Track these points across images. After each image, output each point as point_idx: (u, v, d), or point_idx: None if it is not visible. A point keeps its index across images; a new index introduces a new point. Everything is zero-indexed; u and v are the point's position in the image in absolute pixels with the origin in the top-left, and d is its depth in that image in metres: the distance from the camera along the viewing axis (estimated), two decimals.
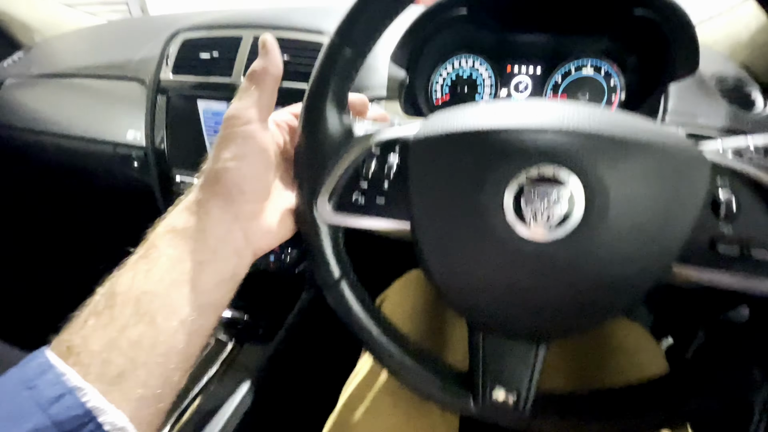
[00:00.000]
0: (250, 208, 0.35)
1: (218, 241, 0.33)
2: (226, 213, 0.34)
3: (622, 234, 0.29)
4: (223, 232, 0.34)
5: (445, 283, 0.36)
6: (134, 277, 0.31)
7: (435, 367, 0.39)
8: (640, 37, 0.59)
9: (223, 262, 0.34)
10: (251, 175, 0.35)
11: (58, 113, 0.92)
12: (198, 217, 0.33)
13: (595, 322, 0.33)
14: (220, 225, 0.34)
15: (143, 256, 0.32)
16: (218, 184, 0.34)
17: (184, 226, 0.33)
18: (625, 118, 0.31)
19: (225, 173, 0.33)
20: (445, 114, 0.35)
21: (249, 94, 0.34)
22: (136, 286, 0.30)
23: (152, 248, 0.32)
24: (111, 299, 0.30)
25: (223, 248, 0.34)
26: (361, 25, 0.32)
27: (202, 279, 0.32)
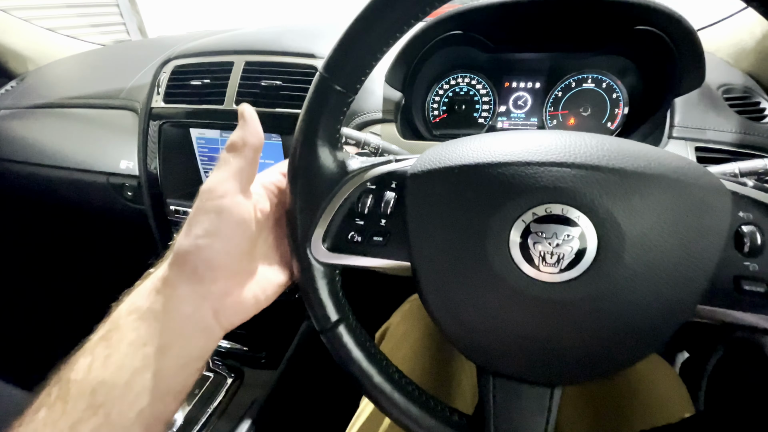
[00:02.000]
0: (221, 285, 0.33)
1: (184, 322, 0.31)
2: (194, 292, 0.31)
3: (639, 275, 0.27)
4: (190, 312, 0.31)
5: (450, 326, 0.33)
6: (92, 363, 0.28)
7: (442, 415, 0.36)
8: (642, 50, 0.57)
9: (188, 343, 0.32)
10: (224, 253, 0.32)
11: (51, 144, 0.91)
12: (164, 296, 0.31)
13: (613, 368, 0.31)
14: (186, 305, 0.31)
15: (104, 339, 0.29)
16: (186, 263, 0.31)
17: (148, 307, 0.30)
18: (636, 147, 0.29)
19: (195, 251, 0.31)
20: (443, 146, 0.33)
21: (227, 165, 0.32)
22: (93, 375, 0.28)
23: (114, 330, 0.30)
24: (65, 388, 0.27)
25: (190, 329, 0.32)
26: (350, 61, 0.31)
27: (165, 364, 0.30)
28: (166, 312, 0.31)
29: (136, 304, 0.31)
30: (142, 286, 0.32)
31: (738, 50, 0.64)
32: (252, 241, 0.34)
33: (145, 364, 0.29)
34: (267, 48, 0.71)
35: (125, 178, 0.83)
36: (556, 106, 0.65)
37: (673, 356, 0.89)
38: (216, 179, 0.32)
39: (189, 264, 0.31)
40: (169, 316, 0.31)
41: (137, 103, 0.83)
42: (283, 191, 0.38)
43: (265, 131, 0.72)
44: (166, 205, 0.80)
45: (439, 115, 0.70)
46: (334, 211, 0.35)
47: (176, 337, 0.31)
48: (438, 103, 0.70)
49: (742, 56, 0.64)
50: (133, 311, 0.30)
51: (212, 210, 0.31)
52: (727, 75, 0.59)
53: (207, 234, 0.31)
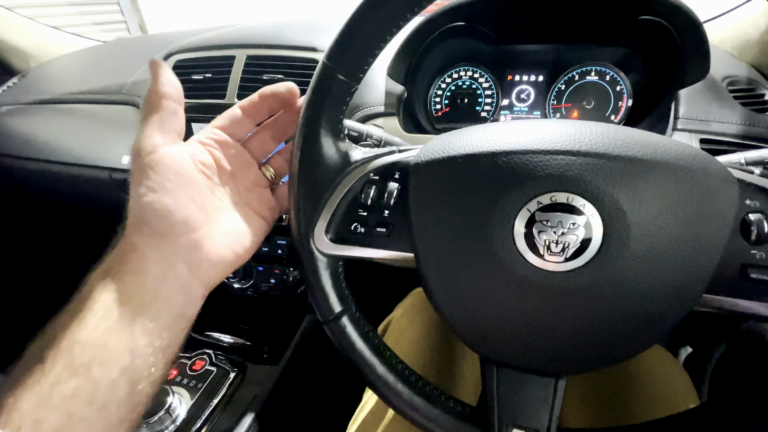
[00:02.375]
0: (186, 240, 0.32)
1: (157, 281, 0.31)
2: (161, 250, 0.31)
3: (645, 263, 0.27)
4: (162, 272, 0.31)
5: (454, 317, 0.33)
6: (65, 326, 0.28)
7: (446, 406, 0.36)
8: (646, 41, 0.57)
9: (167, 303, 0.32)
10: (176, 206, 0.32)
11: (53, 140, 0.91)
12: (132, 258, 0.31)
13: (619, 357, 0.31)
14: (157, 263, 0.31)
15: (77, 304, 0.30)
16: (143, 223, 0.31)
17: (118, 269, 0.30)
18: (641, 134, 0.29)
19: (146, 209, 0.31)
20: (447, 136, 0.33)
21: (149, 121, 0.32)
22: (69, 336, 0.28)
23: (86, 295, 0.30)
24: (42, 352, 0.28)
25: (165, 287, 0.31)
26: (353, 49, 0.30)
27: (145, 324, 0.30)
28: (136, 272, 0.30)
29: (105, 268, 0.31)
30: (108, 257, 0.32)
31: (742, 42, 0.64)
32: (202, 192, 0.34)
33: (122, 324, 0.29)
34: (268, 42, 0.71)
35: (128, 173, 0.82)
36: (559, 100, 0.65)
37: (677, 351, 0.89)
38: (141, 136, 0.32)
39: (146, 224, 0.31)
40: (140, 276, 0.30)
41: (139, 99, 0.83)
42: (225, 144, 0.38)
43: None
44: None
45: (441, 109, 0.70)
46: (337, 202, 0.35)
47: (151, 295, 0.31)
48: (440, 96, 0.69)
49: (746, 48, 0.63)
50: (102, 275, 0.30)
51: (146, 166, 0.31)
52: (732, 67, 0.59)
53: (150, 190, 0.31)
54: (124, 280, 0.30)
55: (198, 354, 0.73)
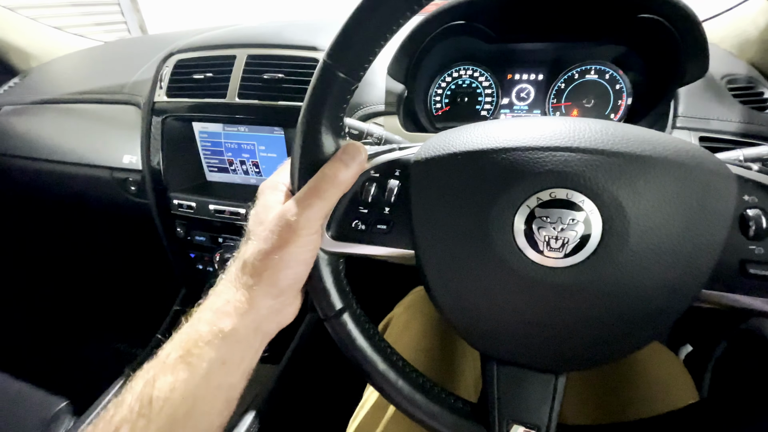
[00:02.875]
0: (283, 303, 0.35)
1: (263, 339, 0.34)
2: (272, 309, 0.33)
3: (644, 259, 0.27)
4: (272, 330, 0.34)
5: (454, 314, 0.34)
6: (174, 384, 0.30)
7: (447, 402, 0.36)
8: (645, 40, 0.57)
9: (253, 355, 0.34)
10: (301, 278, 0.34)
11: (54, 140, 0.92)
12: (248, 318, 0.32)
13: (619, 353, 0.31)
14: (268, 323, 0.34)
15: (184, 359, 0.30)
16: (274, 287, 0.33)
17: (233, 328, 0.31)
18: (640, 131, 0.29)
19: (284, 277, 0.33)
20: (447, 133, 0.33)
21: (326, 201, 0.33)
22: (176, 394, 0.29)
23: (194, 351, 0.31)
24: (148, 407, 0.29)
25: (253, 340, 0.33)
26: (354, 47, 0.30)
27: (238, 379, 0.33)
28: (253, 331, 0.32)
29: (218, 325, 0.31)
30: (220, 301, 0.33)
31: (742, 41, 0.64)
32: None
33: (222, 382, 0.31)
34: (269, 41, 0.71)
35: (129, 172, 0.83)
36: (559, 98, 0.65)
37: (678, 349, 0.89)
38: (312, 216, 0.32)
39: (276, 288, 0.33)
40: (253, 337, 0.33)
41: (140, 98, 0.83)
42: None
43: (267, 124, 0.73)
44: (170, 200, 0.80)
45: (441, 108, 0.70)
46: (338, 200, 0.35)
47: (253, 354, 0.33)
48: (440, 95, 0.70)
49: (745, 47, 0.63)
50: (214, 332, 0.31)
51: (304, 244, 0.32)
52: (731, 65, 0.59)
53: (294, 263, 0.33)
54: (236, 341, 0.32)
55: None
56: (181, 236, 0.84)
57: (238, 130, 0.76)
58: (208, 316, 0.32)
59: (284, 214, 0.32)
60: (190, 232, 0.83)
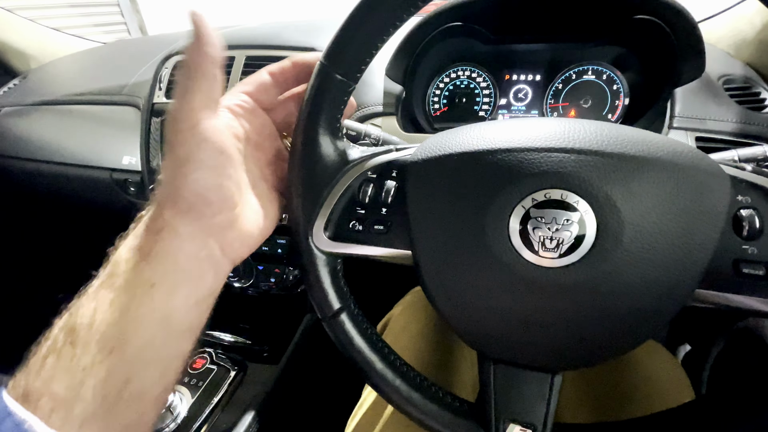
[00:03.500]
0: (221, 219, 0.31)
1: (191, 262, 0.30)
2: (196, 230, 0.30)
3: (639, 259, 0.27)
4: (196, 251, 0.30)
5: (451, 313, 0.34)
6: (96, 308, 0.27)
7: (444, 401, 0.37)
8: (642, 41, 0.57)
9: (198, 283, 0.31)
10: (215, 184, 0.30)
11: (54, 141, 0.92)
12: (165, 238, 0.29)
13: (614, 352, 0.31)
14: (190, 244, 0.30)
15: (106, 283, 0.28)
16: (180, 200, 0.29)
17: (150, 249, 0.29)
18: (634, 132, 0.29)
19: (185, 186, 0.29)
20: (443, 135, 0.34)
21: (192, 88, 0.29)
22: (100, 317, 0.27)
23: (115, 275, 0.28)
24: (72, 334, 0.27)
25: (198, 268, 0.31)
26: (351, 49, 0.31)
27: (175, 304, 0.29)
28: (170, 253, 0.29)
29: (135, 246, 0.29)
30: (137, 230, 0.30)
31: (738, 41, 0.64)
32: (236, 169, 0.33)
33: (153, 306, 0.28)
34: (267, 42, 0.71)
35: (128, 173, 0.83)
36: (556, 99, 0.65)
37: (676, 349, 0.89)
38: (182, 105, 0.29)
39: (183, 201, 0.29)
40: (175, 257, 0.29)
41: (139, 99, 0.83)
42: (253, 112, 0.36)
43: None
44: None
45: (439, 109, 0.70)
46: (335, 200, 0.35)
47: (184, 277, 0.30)
48: (438, 96, 0.70)
49: (742, 47, 0.63)
50: (134, 254, 0.29)
51: (191, 141, 0.29)
52: (728, 66, 0.59)
53: (193, 167, 0.29)
54: (157, 261, 0.29)
55: (199, 353, 0.74)
56: None
57: None
58: (130, 241, 0.30)
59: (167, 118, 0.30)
60: None
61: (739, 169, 0.29)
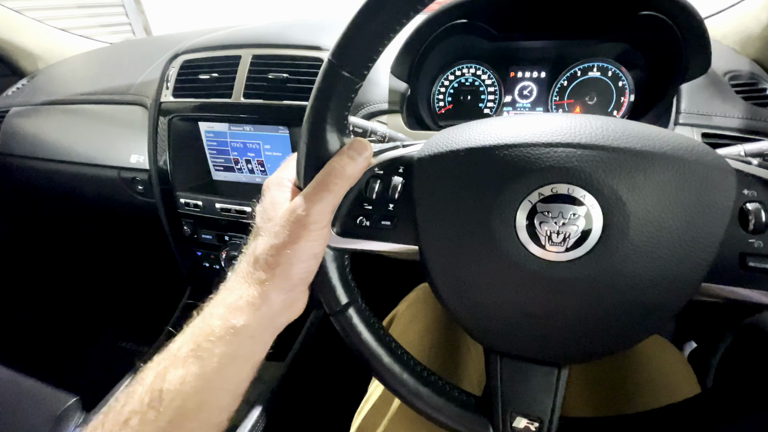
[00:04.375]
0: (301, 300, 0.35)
1: (274, 334, 0.34)
2: (284, 303, 0.34)
3: (645, 252, 0.28)
4: (283, 323, 0.34)
5: (458, 308, 0.34)
6: (185, 377, 0.30)
7: (451, 395, 0.37)
8: (647, 37, 0.57)
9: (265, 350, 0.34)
10: (312, 271, 0.35)
11: (62, 140, 0.93)
12: (262, 312, 0.32)
13: (620, 345, 0.31)
14: (280, 316, 0.34)
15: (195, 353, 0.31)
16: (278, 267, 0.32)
17: (245, 323, 0.31)
18: (640, 127, 0.29)
19: (291, 267, 0.33)
20: (450, 131, 0.34)
21: (333, 194, 0.33)
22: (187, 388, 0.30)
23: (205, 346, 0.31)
24: (157, 399, 0.29)
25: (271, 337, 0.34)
26: (358, 46, 0.31)
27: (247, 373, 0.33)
28: (264, 328, 0.33)
29: (230, 320, 0.32)
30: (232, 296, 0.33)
31: (744, 37, 0.64)
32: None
33: (232, 376, 0.32)
34: (273, 41, 0.72)
35: (136, 172, 0.84)
36: (561, 96, 0.65)
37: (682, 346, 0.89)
38: (322, 209, 0.33)
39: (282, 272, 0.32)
40: (264, 332, 0.33)
41: (146, 99, 0.84)
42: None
43: (272, 123, 0.73)
44: (176, 198, 0.81)
45: (444, 106, 0.70)
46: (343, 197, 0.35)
47: (263, 348, 0.34)
48: (443, 93, 0.70)
49: (748, 43, 0.63)
50: (228, 328, 0.31)
51: (313, 239, 0.33)
52: (734, 62, 0.59)
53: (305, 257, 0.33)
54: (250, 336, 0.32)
55: None
56: (187, 234, 0.85)
57: (244, 130, 0.76)
58: (220, 311, 0.32)
59: (294, 210, 0.32)
60: (196, 231, 0.84)
61: (745, 163, 0.29)
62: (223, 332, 0.31)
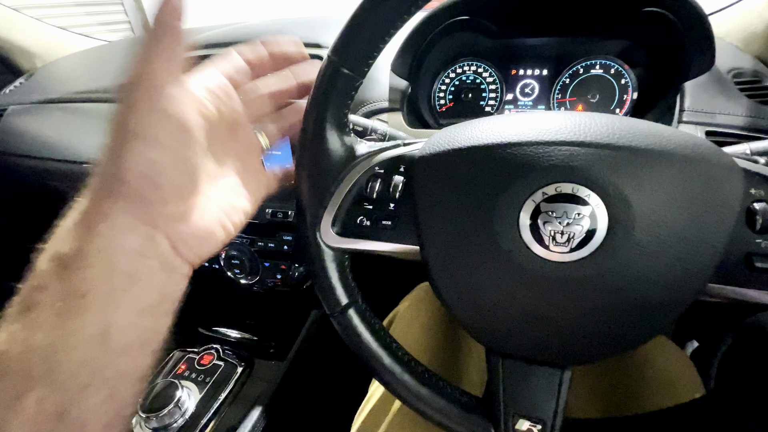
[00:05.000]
0: (173, 208, 0.26)
1: (132, 261, 0.25)
2: (139, 220, 0.25)
3: (650, 253, 0.27)
4: (137, 246, 0.25)
5: (460, 309, 0.34)
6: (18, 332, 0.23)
7: (453, 396, 0.37)
8: (650, 34, 0.57)
9: (144, 285, 0.26)
10: (170, 165, 0.25)
11: (60, 139, 0.92)
12: (100, 233, 0.24)
13: (624, 347, 0.31)
14: (132, 237, 0.25)
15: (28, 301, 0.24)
16: (122, 182, 0.24)
17: (77, 251, 0.24)
18: (645, 125, 0.29)
19: (130, 166, 0.24)
20: (452, 129, 0.33)
21: (156, 48, 0.25)
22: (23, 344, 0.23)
23: (39, 288, 0.24)
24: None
25: (142, 268, 0.25)
26: (358, 43, 0.30)
27: (114, 316, 0.24)
28: (106, 253, 0.24)
29: (57, 251, 0.24)
30: (62, 227, 0.25)
31: (747, 34, 0.64)
32: (199, 152, 0.28)
33: (85, 321, 0.23)
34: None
35: None
36: (563, 93, 0.65)
37: (683, 345, 0.89)
38: (142, 66, 0.24)
39: (125, 185, 0.24)
40: (112, 258, 0.24)
41: None
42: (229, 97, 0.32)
43: None
44: None
45: (445, 104, 0.70)
46: (343, 196, 0.35)
47: (124, 282, 0.25)
48: (444, 91, 0.69)
49: (751, 40, 0.63)
50: (55, 261, 0.24)
51: (148, 108, 0.24)
52: (737, 59, 0.59)
53: (142, 143, 0.24)
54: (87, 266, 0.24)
55: (206, 349, 0.74)
56: None
57: None
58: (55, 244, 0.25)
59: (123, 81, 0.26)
60: None
61: (752, 162, 0.29)
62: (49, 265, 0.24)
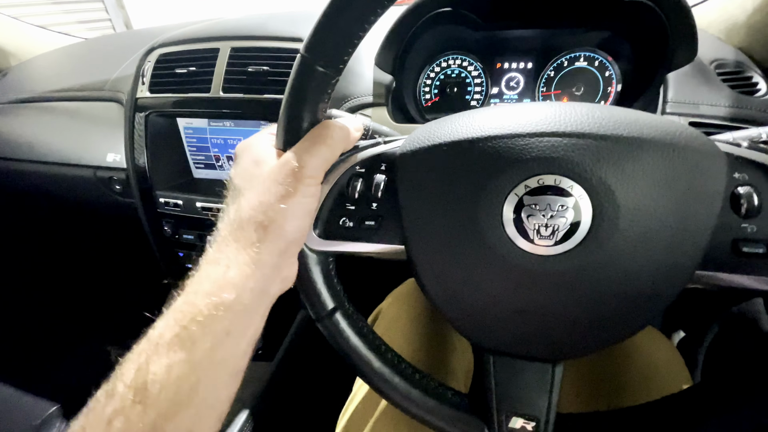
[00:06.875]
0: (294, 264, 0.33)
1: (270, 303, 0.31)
2: (278, 271, 0.31)
3: (636, 243, 0.27)
4: (276, 293, 0.32)
5: (448, 306, 0.33)
6: (171, 366, 0.26)
7: (444, 397, 0.36)
8: (634, 25, 0.56)
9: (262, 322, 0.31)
10: (306, 231, 0.32)
11: (36, 139, 0.89)
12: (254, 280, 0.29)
13: (614, 338, 0.31)
14: (272, 285, 0.31)
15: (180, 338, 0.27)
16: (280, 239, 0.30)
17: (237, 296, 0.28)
18: (627, 113, 0.28)
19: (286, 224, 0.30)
20: (432, 124, 0.33)
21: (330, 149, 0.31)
22: (174, 375, 0.26)
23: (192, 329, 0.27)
24: (142, 393, 0.26)
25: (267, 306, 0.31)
26: (331, 40, 0.29)
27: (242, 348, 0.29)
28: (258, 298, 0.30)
29: (219, 295, 0.28)
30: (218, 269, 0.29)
31: (730, 26, 0.64)
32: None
33: (226, 355, 0.28)
34: (253, 33, 0.69)
35: (113, 171, 0.81)
36: (548, 87, 0.64)
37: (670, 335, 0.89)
38: (318, 162, 0.31)
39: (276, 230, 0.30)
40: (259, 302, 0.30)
41: (122, 94, 0.81)
42: None
43: (253, 118, 0.71)
44: (156, 198, 0.79)
45: (430, 99, 0.69)
46: (324, 197, 0.34)
47: (259, 320, 0.30)
48: (429, 86, 0.69)
49: (733, 31, 0.63)
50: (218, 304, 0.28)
51: (306, 194, 0.30)
52: (720, 50, 0.59)
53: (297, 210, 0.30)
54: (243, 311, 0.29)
55: None
56: (168, 235, 0.82)
57: (224, 125, 0.74)
58: (206, 287, 0.28)
59: (288, 163, 0.30)
60: (177, 231, 0.81)
61: (735, 146, 0.28)
62: (213, 310, 0.28)
